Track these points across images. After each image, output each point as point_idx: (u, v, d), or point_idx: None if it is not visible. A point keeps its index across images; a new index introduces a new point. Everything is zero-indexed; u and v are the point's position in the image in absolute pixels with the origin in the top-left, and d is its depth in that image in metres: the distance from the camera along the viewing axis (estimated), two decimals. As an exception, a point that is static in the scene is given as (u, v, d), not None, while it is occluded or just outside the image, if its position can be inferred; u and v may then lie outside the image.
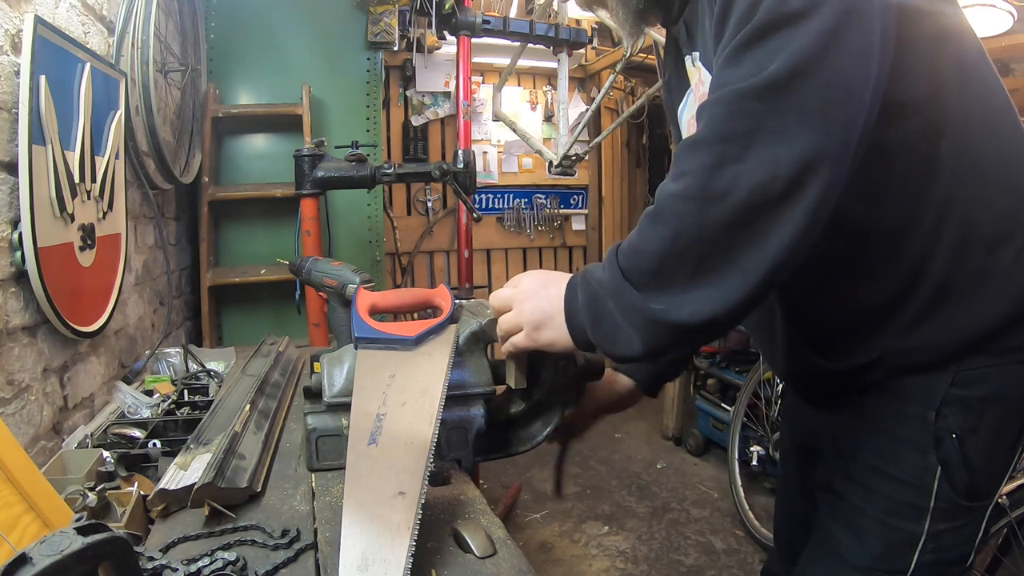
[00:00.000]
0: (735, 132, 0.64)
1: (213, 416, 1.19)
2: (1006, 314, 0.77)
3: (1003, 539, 1.48)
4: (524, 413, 1.11)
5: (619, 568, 2.32)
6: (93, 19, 1.63)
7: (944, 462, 0.79)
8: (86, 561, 0.53)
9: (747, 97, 0.63)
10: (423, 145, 3.70)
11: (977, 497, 0.81)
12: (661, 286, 0.69)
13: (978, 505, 0.82)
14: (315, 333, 2.11)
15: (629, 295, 0.70)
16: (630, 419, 3.66)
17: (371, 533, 0.70)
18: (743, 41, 0.64)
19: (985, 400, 0.79)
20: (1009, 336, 0.78)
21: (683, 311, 0.67)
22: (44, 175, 1.25)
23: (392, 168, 2.07)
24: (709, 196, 0.65)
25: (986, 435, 0.79)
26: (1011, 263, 0.76)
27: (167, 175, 2.15)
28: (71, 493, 0.94)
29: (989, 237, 0.76)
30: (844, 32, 0.61)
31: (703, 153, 0.66)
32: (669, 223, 0.67)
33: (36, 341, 1.26)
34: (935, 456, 0.79)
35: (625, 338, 0.71)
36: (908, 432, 0.81)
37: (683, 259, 0.67)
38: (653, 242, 0.69)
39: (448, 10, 2.49)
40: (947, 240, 0.75)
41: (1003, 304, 0.77)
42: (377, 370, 0.93)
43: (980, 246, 0.76)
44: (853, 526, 0.86)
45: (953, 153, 0.75)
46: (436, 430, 0.83)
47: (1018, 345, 0.78)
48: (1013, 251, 0.76)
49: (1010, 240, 0.76)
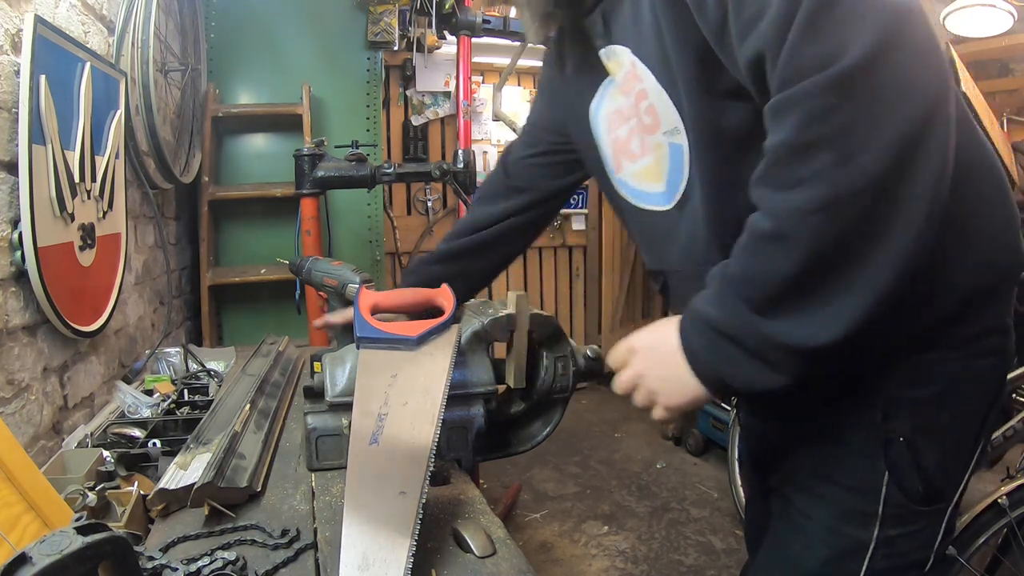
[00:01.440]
0: (843, 125, 0.59)
1: (213, 416, 1.19)
2: (953, 308, 0.74)
3: (1003, 539, 1.48)
4: (524, 413, 1.11)
5: (619, 568, 2.31)
6: (93, 19, 1.63)
7: (892, 467, 0.76)
8: (86, 561, 0.53)
9: (839, 84, 0.58)
10: (423, 145, 3.70)
11: (933, 501, 0.78)
12: (800, 310, 0.63)
13: (935, 509, 0.79)
14: (315, 333, 2.11)
15: (761, 329, 0.64)
16: (630, 419, 3.66)
17: (372, 533, 0.70)
18: (807, 20, 0.59)
19: (938, 399, 0.75)
20: (961, 327, 0.74)
21: (830, 331, 0.62)
22: (44, 175, 1.24)
23: (392, 168, 2.07)
24: (841, 200, 0.60)
25: (941, 436, 0.76)
26: (954, 260, 0.73)
27: (167, 175, 2.15)
28: (71, 493, 0.94)
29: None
30: (910, 2, 0.60)
31: (820, 154, 0.60)
32: (802, 242, 0.61)
33: (36, 341, 1.26)
34: (883, 460, 0.76)
35: (765, 376, 0.66)
36: (854, 436, 0.78)
37: (825, 276, 0.62)
38: (784, 266, 0.62)
39: (448, 10, 2.50)
40: None
41: (951, 300, 0.74)
42: (379, 370, 0.93)
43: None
44: (802, 531, 0.83)
45: None
46: (438, 430, 0.83)
47: (974, 334, 0.75)
48: (959, 249, 0.73)
49: (957, 239, 0.73)
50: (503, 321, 1.02)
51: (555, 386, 1.08)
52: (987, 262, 0.75)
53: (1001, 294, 0.77)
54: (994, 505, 1.37)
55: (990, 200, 0.76)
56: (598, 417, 3.69)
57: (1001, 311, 0.77)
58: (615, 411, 3.78)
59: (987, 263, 0.75)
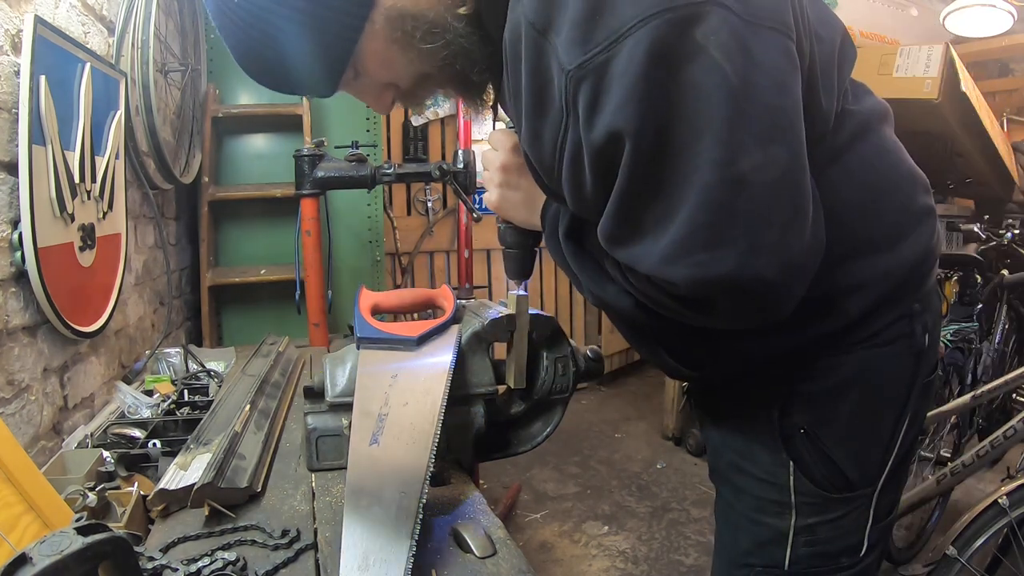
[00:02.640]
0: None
1: (213, 416, 1.19)
2: (844, 323, 0.73)
3: (1003, 539, 1.48)
4: (524, 413, 1.11)
5: (619, 568, 2.31)
6: (93, 19, 1.63)
7: (797, 458, 0.77)
8: (86, 561, 0.53)
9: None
10: (423, 145, 3.70)
11: (852, 488, 0.78)
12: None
13: (857, 495, 0.79)
14: (315, 333, 2.11)
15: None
16: (630, 419, 3.66)
17: (372, 533, 0.70)
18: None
19: (836, 390, 0.76)
20: (857, 332, 0.74)
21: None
22: (44, 175, 1.25)
23: (392, 168, 2.06)
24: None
25: (845, 425, 0.76)
26: (847, 269, 0.72)
27: (167, 175, 2.15)
28: (71, 493, 0.94)
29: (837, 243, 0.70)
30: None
31: None
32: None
33: (36, 341, 1.26)
34: (785, 453, 0.78)
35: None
36: (759, 430, 0.80)
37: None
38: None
39: (448, 10, 2.49)
40: None
41: (841, 316, 0.73)
42: (379, 370, 0.93)
43: (825, 262, 0.68)
44: (728, 521, 0.87)
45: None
46: (438, 431, 0.83)
47: (870, 334, 0.74)
48: (854, 258, 0.72)
49: (856, 246, 0.72)
50: (503, 321, 1.02)
51: (555, 386, 1.08)
52: (881, 273, 0.73)
53: (899, 298, 0.75)
54: (994, 505, 1.37)
55: (885, 213, 0.74)
56: (598, 417, 3.69)
57: (903, 310, 0.76)
58: (615, 411, 3.78)
59: (881, 273, 0.73)
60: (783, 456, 0.78)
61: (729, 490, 0.87)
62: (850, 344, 0.75)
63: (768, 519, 0.81)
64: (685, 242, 0.57)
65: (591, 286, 0.77)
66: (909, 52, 2.79)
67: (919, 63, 2.75)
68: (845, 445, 0.77)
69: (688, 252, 0.57)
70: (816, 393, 0.76)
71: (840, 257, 0.71)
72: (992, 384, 1.96)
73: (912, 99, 2.76)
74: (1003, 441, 1.75)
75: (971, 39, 3.64)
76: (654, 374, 4.38)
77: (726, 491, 0.87)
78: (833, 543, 0.80)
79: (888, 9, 3.55)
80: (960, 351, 2.35)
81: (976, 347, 2.45)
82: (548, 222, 0.81)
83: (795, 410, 0.77)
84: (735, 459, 0.84)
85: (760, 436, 0.80)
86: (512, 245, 0.93)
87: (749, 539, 0.84)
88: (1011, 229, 2.81)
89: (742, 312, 0.63)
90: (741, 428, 0.83)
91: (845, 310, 0.73)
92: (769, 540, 0.82)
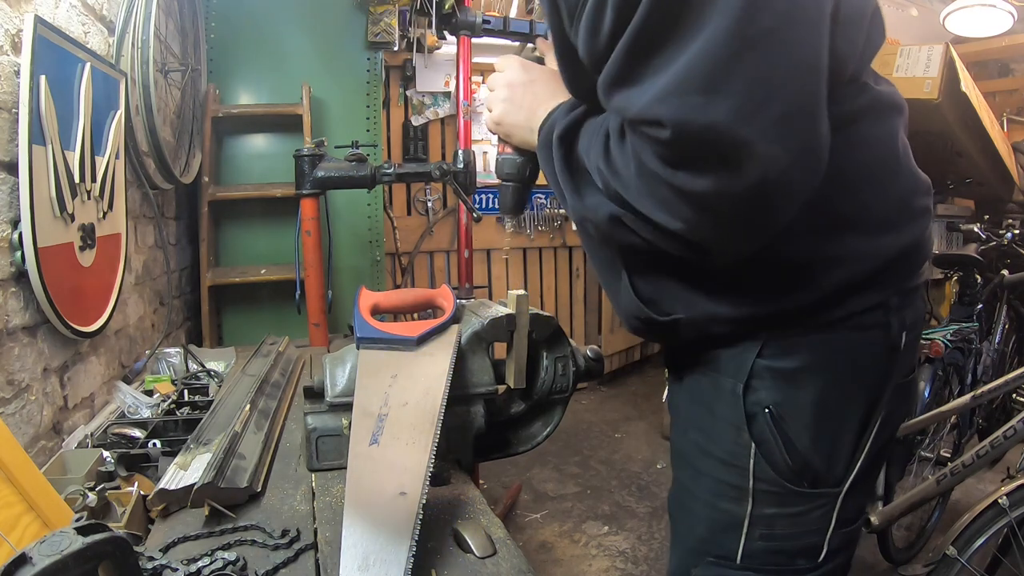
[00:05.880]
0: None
1: (213, 416, 1.19)
2: (819, 296, 0.72)
3: (1003, 539, 1.48)
4: (524, 413, 1.11)
5: (619, 568, 2.31)
6: (93, 19, 1.63)
7: (760, 440, 0.75)
8: (86, 561, 0.53)
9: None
10: (423, 145, 3.70)
11: (816, 483, 0.76)
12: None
13: (821, 492, 0.77)
14: (315, 333, 2.11)
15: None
16: (630, 419, 3.66)
17: (372, 533, 0.70)
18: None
19: (804, 370, 0.74)
20: (831, 310, 0.72)
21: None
22: (44, 175, 1.25)
23: (392, 168, 2.06)
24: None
25: (812, 411, 0.74)
26: (830, 239, 0.71)
27: (167, 175, 2.15)
28: (71, 493, 0.94)
29: (817, 220, 0.70)
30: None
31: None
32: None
33: (36, 341, 1.26)
34: (747, 433, 0.75)
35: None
36: (722, 407, 0.77)
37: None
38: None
39: (448, 10, 2.49)
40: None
41: (815, 289, 0.72)
42: (379, 370, 0.93)
43: (808, 227, 0.69)
44: (685, 507, 0.85)
45: None
46: (438, 431, 0.83)
47: (844, 315, 0.73)
48: (835, 236, 0.71)
49: (836, 224, 0.71)
50: (503, 321, 1.02)
51: (555, 386, 1.08)
52: (863, 254, 0.72)
53: (878, 285, 0.74)
54: (994, 505, 1.37)
55: (870, 189, 0.73)
56: (598, 417, 3.69)
57: (881, 299, 0.75)
58: (615, 411, 3.79)
59: (863, 255, 0.72)
60: (746, 437, 0.76)
61: (689, 475, 0.84)
62: (823, 323, 0.73)
63: (725, 504, 0.79)
64: (682, 82, 0.56)
65: (572, 199, 0.75)
66: (909, 52, 2.80)
67: (919, 63, 2.75)
68: (811, 433, 0.75)
69: (683, 92, 0.56)
70: (783, 370, 0.74)
71: (825, 227, 0.70)
72: (992, 384, 1.96)
73: (912, 99, 2.74)
74: (1003, 441, 1.75)
75: (971, 39, 3.64)
76: (654, 374, 4.38)
77: (685, 476, 0.85)
78: (791, 541, 0.78)
79: (888, 9, 3.56)
80: (960, 351, 2.35)
81: (976, 347, 2.45)
82: (543, 132, 0.82)
83: (762, 386, 0.75)
84: (698, 438, 0.82)
85: (725, 412, 0.77)
86: (508, 177, 0.94)
87: (704, 526, 0.82)
88: (1011, 229, 2.81)
89: (727, 201, 0.59)
90: (706, 403, 0.80)
91: (819, 283, 0.71)
92: (725, 527, 0.79)
